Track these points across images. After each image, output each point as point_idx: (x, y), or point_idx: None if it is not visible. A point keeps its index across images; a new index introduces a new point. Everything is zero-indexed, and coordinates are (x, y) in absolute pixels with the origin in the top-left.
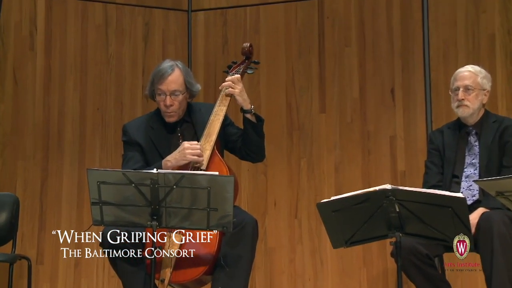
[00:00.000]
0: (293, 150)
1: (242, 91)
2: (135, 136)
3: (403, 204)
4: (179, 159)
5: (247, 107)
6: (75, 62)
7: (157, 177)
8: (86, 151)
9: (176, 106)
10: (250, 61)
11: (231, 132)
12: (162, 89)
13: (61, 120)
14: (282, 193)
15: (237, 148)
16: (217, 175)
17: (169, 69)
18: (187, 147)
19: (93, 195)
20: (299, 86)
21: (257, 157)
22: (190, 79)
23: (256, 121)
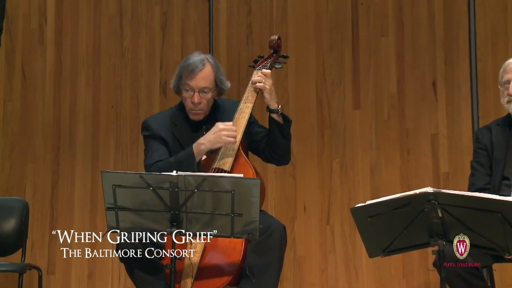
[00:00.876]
0: (324, 150)
1: (272, 89)
2: (159, 130)
3: (446, 209)
4: (214, 142)
5: (274, 106)
6: (87, 56)
7: (176, 180)
8: (99, 152)
9: (204, 104)
10: (278, 55)
11: (255, 132)
12: (191, 85)
13: (73, 118)
14: (312, 197)
15: (261, 149)
16: (242, 178)
17: (200, 64)
18: (222, 128)
19: (108, 200)
20: (331, 80)
21: (281, 160)
22: (221, 76)
23: (283, 122)
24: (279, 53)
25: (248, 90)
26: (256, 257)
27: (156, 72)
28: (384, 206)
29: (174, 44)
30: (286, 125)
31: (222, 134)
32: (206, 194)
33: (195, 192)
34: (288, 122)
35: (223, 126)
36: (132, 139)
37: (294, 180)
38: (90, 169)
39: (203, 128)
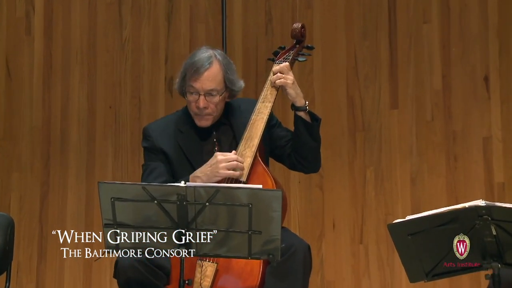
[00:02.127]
0: (356, 156)
1: (295, 83)
2: (160, 141)
3: (501, 226)
4: (210, 175)
5: (300, 103)
6: (81, 49)
7: (185, 192)
8: (96, 160)
9: (212, 109)
10: (302, 45)
11: (279, 135)
12: (196, 87)
13: (65, 121)
14: (343, 212)
15: (286, 155)
16: (261, 189)
17: (206, 62)
18: (221, 159)
19: (105, 215)
20: (364, 75)
21: (311, 166)
22: (232, 75)
23: (311, 120)
24: (303, 43)
25: (266, 88)
26: (276, 282)
27: (161, 67)
28: (427, 222)
29: (181, 35)
30: (315, 124)
31: (220, 167)
32: (220, 208)
33: (207, 206)
34: (317, 121)
35: (222, 157)
36: (133, 144)
37: (321, 191)
38: (85, 179)
39: (212, 135)
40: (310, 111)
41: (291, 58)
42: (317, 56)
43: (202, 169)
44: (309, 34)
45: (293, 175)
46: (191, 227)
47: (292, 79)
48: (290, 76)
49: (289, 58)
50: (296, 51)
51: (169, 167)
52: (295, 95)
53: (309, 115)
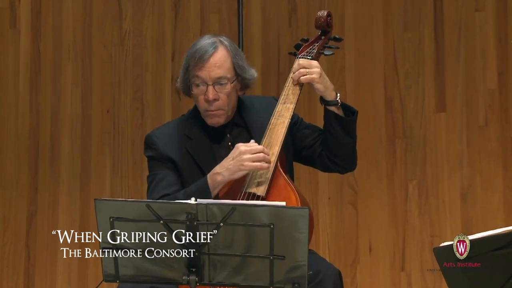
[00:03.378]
0: (396, 168)
1: (323, 75)
2: (167, 149)
3: None
4: (234, 169)
5: (331, 96)
6: (74, 44)
7: (196, 210)
8: (92, 174)
9: (224, 101)
10: (328, 37)
11: (304, 134)
12: (202, 76)
13: (56, 128)
14: (380, 233)
15: (316, 156)
16: (284, 207)
17: (211, 47)
18: (244, 150)
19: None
20: (405, 72)
21: (347, 164)
22: (241, 61)
23: (346, 114)
24: (329, 34)
25: (288, 86)
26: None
27: (167, 64)
28: (481, 245)
29: (190, 26)
30: (351, 118)
31: (245, 159)
32: (236, 229)
33: (221, 226)
34: (354, 114)
35: (245, 147)
36: (134, 155)
37: (355, 209)
38: (79, 196)
39: (227, 137)
40: (343, 103)
41: (316, 51)
42: (349, 50)
43: (223, 164)
44: (340, 25)
45: (322, 190)
46: (203, 252)
47: (318, 72)
48: (315, 69)
49: (314, 52)
50: (322, 44)
51: (179, 177)
52: (324, 89)
53: (342, 109)
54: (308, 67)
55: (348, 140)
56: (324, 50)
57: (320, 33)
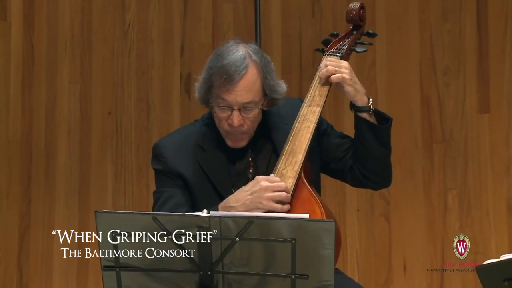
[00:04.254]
0: (434, 176)
1: (354, 77)
2: (176, 163)
3: None
4: (250, 207)
5: (362, 102)
6: (72, 39)
7: (208, 224)
8: (91, 183)
9: (248, 126)
10: (360, 32)
11: (334, 145)
12: (228, 101)
13: (51, 133)
14: (417, 249)
15: (347, 169)
16: (308, 220)
17: (241, 66)
18: (266, 186)
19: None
20: (443, 68)
21: (380, 180)
22: (272, 79)
23: (379, 122)
24: (362, 29)
25: (314, 87)
26: None
27: (175, 60)
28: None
29: (202, 17)
30: (384, 126)
31: (265, 197)
32: (254, 245)
33: (237, 242)
34: (387, 122)
35: (267, 183)
36: (139, 162)
37: (388, 222)
38: (77, 208)
39: (248, 153)
40: (376, 110)
41: (346, 48)
42: (380, 44)
43: (238, 196)
44: (370, 15)
45: (349, 200)
46: (216, 270)
47: (348, 69)
48: (346, 70)
49: (344, 49)
50: (353, 39)
51: (189, 196)
52: (355, 92)
53: (374, 116)
54: (337, 67)
55: (382, 152)
56: (356, 46)
57: (352, 27)
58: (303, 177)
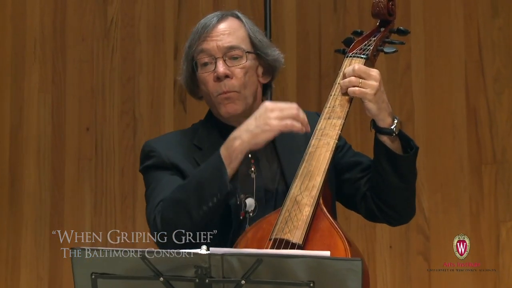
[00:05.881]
0: (483, 204)
1: (380, 92)
2: (170, 155)
3: None
4: (256, 131)
5: (385, 123)
6: (42, 38)
7: (208, 264)
8: (65, 213)
9: (239, 80)
10: (389, 28)
11: (349, 164)
12: (208, 49)
13: (17, 152)
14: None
15: (360, 197)
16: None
17: (218, 16)
18: (272, 107)
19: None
20: (494, 73)
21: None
22: (260, 35)
23: (404, 150)
24: (391, 25)
25: (334, 96)
26: None
27: (168, 64)
28: None
29: (200, 11)
30: (406, 156)
31: (272, 117)
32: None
33: (243, 285)
34: (412, 150)
35: (273, 104)
36: (123, 188)
37: (427, 262)
38: (48, 244)
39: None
40: (401, 134)
41: (373, 48)
42: (417, 44)
43: (242, 126)
44: (405, 10)
45: (380, 235)
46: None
47: (375, 87)
48: (373, 82)
49: (370, 49)
50: (381, 38)
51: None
52: (378, 111)
53: (399, 140)
54: (364, 77)
55: (401, 186)
56: (384, 46)
57: (379, 23)
58: (322, 204)
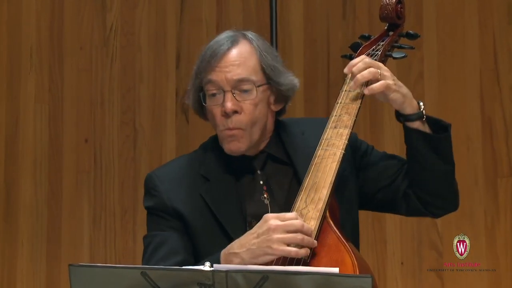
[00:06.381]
0: (499, 220)
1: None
2: (173, 196)
3: None
4: (258, 253)
5: (412, 109)
6: (39, 46)
7: (212, 281)
8: (63, 229)
9: (247, 116)
10: (398, 32)
11: (378, 169)
12: (216, 81)
13: (12, 166)
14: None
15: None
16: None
17: (228, 40)
18: (275, 226)
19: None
20: (510, 82)
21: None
22: (273, 60)
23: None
24: (400, 29)
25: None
26: None
27: (169, 73)
28: None
29: (203, 19)
30: (445, 135)
31: (275, 239)
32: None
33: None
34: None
35: (276, 221)
36: (123, 203)
37: (441, 280)
38: (45, 261)
39: (256, 174)
40: (429, 117)
41: (381, 53)
42: (430, 52)
43: (243, 241)
44: (417, 15)
45: (391, 250)
46: None
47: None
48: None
49: (378, 54)
50: (389, 42)
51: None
52: (403, 98)
53: (428, 125)
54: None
55: (445, 168)
56: (393, 51)
57: (387, 27)
58: (329, 218)
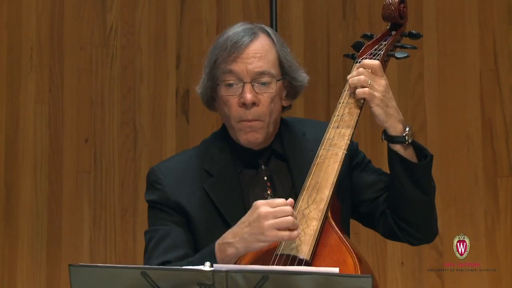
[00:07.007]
0: (499, 221)
1: (388, 96)
2: (176, 191)
3: None
4: (250, 240)
5: (395, 130)
6: (39, 46)
7: (212, 281)
8: (63, 230)
9: (265, 108)
10: (400, 32)
11: (367, 181)
12: (237, 71)
13: (12, 167)
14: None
15: (378, 215)
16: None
17: (250, 32)
18: (265, 213)
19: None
20: (510, 83)
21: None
22: (288, 55)
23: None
24: (402, 29)
25: (343, 103)
26: None
27: (170, 73)
28: None
29: (203, 19)
30: (422, 164)
31: (266, 226)
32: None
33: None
34: (426, 159)
35: (266, 208)
36: (124, 202)
37: (441, 279)
38: (45, 261)
39: (260, 169)
40: (415, 143)
41: (383, 53)
42: (429, 51)
43: (236, 231)
44: (417, 15)
45: (391, 251)
46: None
47: (383, 87)
48: (380, 87)
49: (380, 54)
50: (392, 42)
51: (191, 234)
52: (386, 116)
53: (413, 149)
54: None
55: (420, 197)
56: (395, 51)
57: (390, 27)
58: (331, 218)
